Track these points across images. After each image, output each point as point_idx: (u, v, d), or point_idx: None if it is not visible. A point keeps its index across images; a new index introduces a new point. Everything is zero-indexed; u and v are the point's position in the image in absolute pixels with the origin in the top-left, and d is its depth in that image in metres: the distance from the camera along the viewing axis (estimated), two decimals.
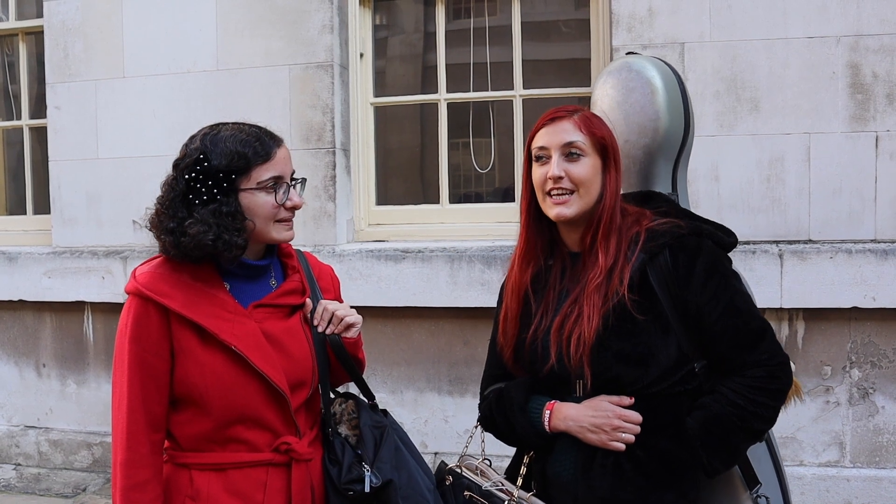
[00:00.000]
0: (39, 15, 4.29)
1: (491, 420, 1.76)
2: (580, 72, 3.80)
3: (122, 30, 4.02)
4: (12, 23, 4.51)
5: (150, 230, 1.61)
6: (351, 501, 1.65)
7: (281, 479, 1.62)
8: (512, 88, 3.84)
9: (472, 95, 4.01)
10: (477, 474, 1.73)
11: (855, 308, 3.20)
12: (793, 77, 3.31)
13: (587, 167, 1.62)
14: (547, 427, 1.63)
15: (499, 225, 3.79)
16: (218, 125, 1.63)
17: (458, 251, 3.56)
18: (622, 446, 1.57)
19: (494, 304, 3.43)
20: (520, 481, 1.68)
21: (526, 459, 1.71)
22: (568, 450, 1.63)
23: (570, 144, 1.62)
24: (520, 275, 1.71)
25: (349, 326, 1.71)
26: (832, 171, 3.30)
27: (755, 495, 1.67)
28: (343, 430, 1.74)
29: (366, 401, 1.80)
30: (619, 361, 1.57)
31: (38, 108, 4.52)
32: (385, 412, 1.81)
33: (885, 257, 3.16)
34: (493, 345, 1.81)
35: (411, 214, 3.94)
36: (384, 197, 4.13)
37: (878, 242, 3.25)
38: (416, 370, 3.71)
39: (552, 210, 1.63)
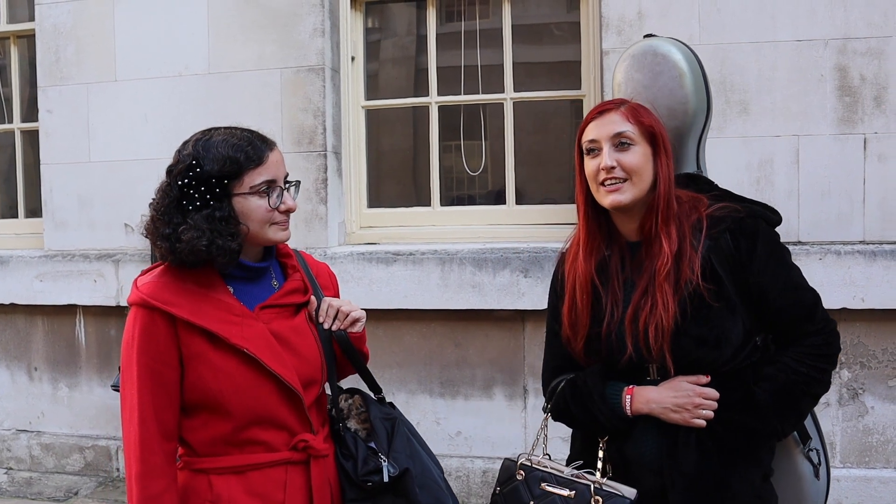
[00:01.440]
0: (31, 18, 4.29)
1: (566, 411, 1.79)
2: (571, 74, 3.82)
3: (114, 33, 4.02)
4: (4, 26, 4.50)
5: (146, 237, 1.61)
6: (368, 493, 1.68)
7: (300, 476, 1.64)
8: (503, 91, 3.86)
9: (463, 98, 4.02)
10: (547, 469, 1.75)
11: (844, 309, 3.22)
12: (781, 80, 3.33)
13: (638, 155, 1.67)
14: (629, 411, 1.69)
15: (490, 227, 3.80)
16: (210, 130, 1.64)
17: (450, 253, 3.57)
18: (704, 423, 1.64)
19: (485, 307, 3.49)
20: (599, 465, 1.72)
21: (601, 444, 1.75)
22: (648, 431, 1.69)
23: (619, 135, 1.67)
24: (585, 266, 1.75)
25: (355, 321, 1.73)
26: (821, 174, 3.32)
27: (807, 450, 1.80)
28: (352, 424, 1.77)
29: (372, 395, 1.83)
30: (699, 346, 1.64)
31: (30, 112, 4.52)
32: (392, 405, 1.84)
33: (874, 258, 3.18)
34: (555, 338, 1.84)
35: (402, 217, 3.95)
36: (375, 199, 4.13)
37: (867, 244, 3.27)
38: (408, 372, 3.72)
39: (607, 198, 1.67)
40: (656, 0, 3.41)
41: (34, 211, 4.47)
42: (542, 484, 1.71)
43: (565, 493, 1.67)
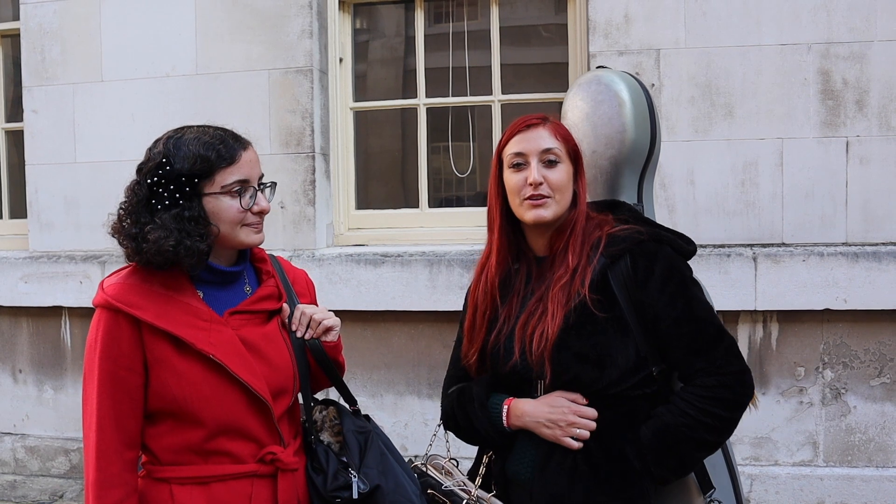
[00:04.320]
0: (16, 17, 4.25)
1: (452, 417, 1.77)
2: (559, 76, 3.84)
3: (101, 33, 4.00)
4: None
5: (112, 236, 1.56)
6: None
7: (266, 490, 1.58)
8: (491, 93, 3.87)
9: (452, 100, 4.03)
10: (442, 474, 1.75)
11: (827, 310, 3.25)
12: (766, 83, 3.37)
13: (563, 173, 1.66)
14: (506, 423, 1.65)
15: (478, 229, 3.80)
16: (183, 128, 1.60)
17: (438, 255, 3.58)
18: (575, 444, 1.58)
19: None
20: (478, 481, 1.70)
21: (485, 459, 1.73)
22: (527, 449, 1.65)
23: (548, 151, 1.66)
24: (491, 279, 1.73)
25: (328, 330, 1.67)
26: (804, 176, 3.36)
27: (709, 500, 1.69)
28: (325, 437, 1.71)
29: (347, 406, 1.77)
30: (578, 362, 1.59)
31: (15, 112, 4.48)
32: (367, 417, 1.78)
33: (856, 260, 3.23)
34: (458, 346, 1.83)
35: (391, 219, 3.95)
36: (364, 201, 4.14)
37: (850, 245, 3.32)
38: (396, 374, 3.72)
39: (530, 213, 1.65)
40: (643, 3, 3.44)
41: (19, 212, 4.43)
42: (429, 490, 1.71)
43: (447, 503, 1.68)
